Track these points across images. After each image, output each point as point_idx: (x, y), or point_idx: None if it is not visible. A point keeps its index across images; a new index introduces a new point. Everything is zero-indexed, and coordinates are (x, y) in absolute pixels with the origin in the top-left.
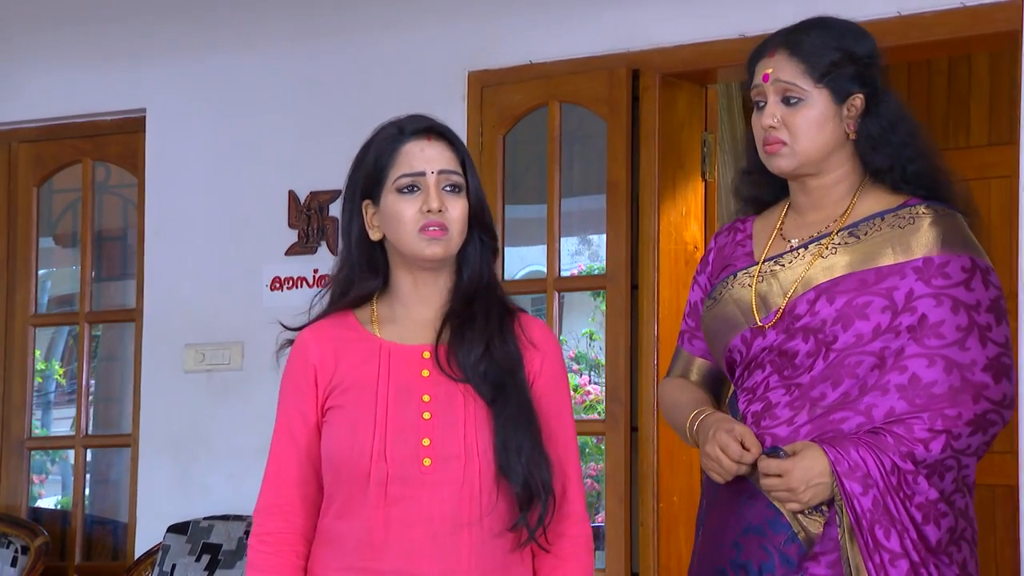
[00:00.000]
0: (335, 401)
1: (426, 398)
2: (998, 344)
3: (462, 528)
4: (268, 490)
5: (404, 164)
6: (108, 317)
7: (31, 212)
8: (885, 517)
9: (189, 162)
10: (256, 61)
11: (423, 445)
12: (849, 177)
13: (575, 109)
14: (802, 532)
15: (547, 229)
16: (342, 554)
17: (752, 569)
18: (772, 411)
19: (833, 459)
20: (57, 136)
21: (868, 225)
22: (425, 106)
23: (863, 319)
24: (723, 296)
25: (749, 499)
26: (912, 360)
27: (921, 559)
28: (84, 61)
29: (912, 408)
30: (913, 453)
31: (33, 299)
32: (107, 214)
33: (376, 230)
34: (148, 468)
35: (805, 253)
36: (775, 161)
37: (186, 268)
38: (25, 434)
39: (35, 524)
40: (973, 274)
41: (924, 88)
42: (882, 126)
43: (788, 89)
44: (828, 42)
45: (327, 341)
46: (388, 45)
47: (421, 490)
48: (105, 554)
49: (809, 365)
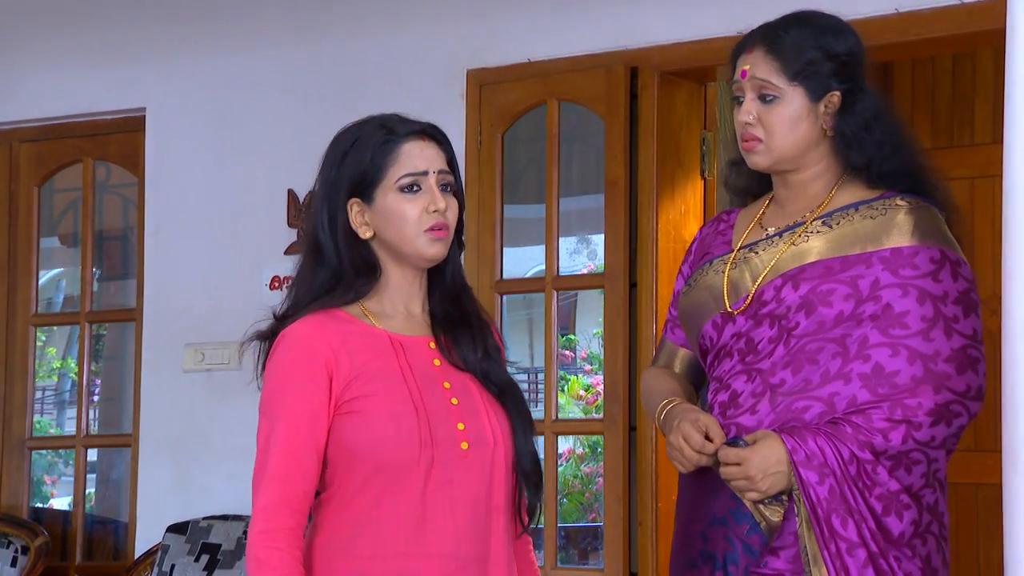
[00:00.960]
0: (358, 392)
1: (447, 385)
2: (964, 336)
3: (494, 511)
4: (274, 485)
5: (406, 163)
6: (109, 317)
7: (32, 212)
8: (842, 506)
9: (188, 161)
10: (255, 60)
11: (459, 429)
12: (828, 171)
13: (574, 107)
14: (763, 522)
15: (545, 228)
16: (380, 541)
17: (718, 560)
18: (737, 400)
19: (790, 448)
20: (58, 135)
21: (842, 215)
22: (424, 104)
23: (826, 306)
24: (698, 283)
25: (714, 491)
26: (876, 349)
27: (880, 550)
28: (84, 60)
29: (874, 397)
30: (872, 443)
31: (34, 299)
32: (108, 213)
33: (366, 228)
34: (148, 468)
35: (779, 241)
36: (751, 158)
37: (185, 267)
38: (26, 434)
39: (35, 524)
40: (942, 266)
41: (928, 85)
42: (857, 124)
43: (763, 87)
44: (806, 39)
45: (331, 334)
46: (387, 44)
47: (461, 473)
48: (107, 554)
49: (770, 351)
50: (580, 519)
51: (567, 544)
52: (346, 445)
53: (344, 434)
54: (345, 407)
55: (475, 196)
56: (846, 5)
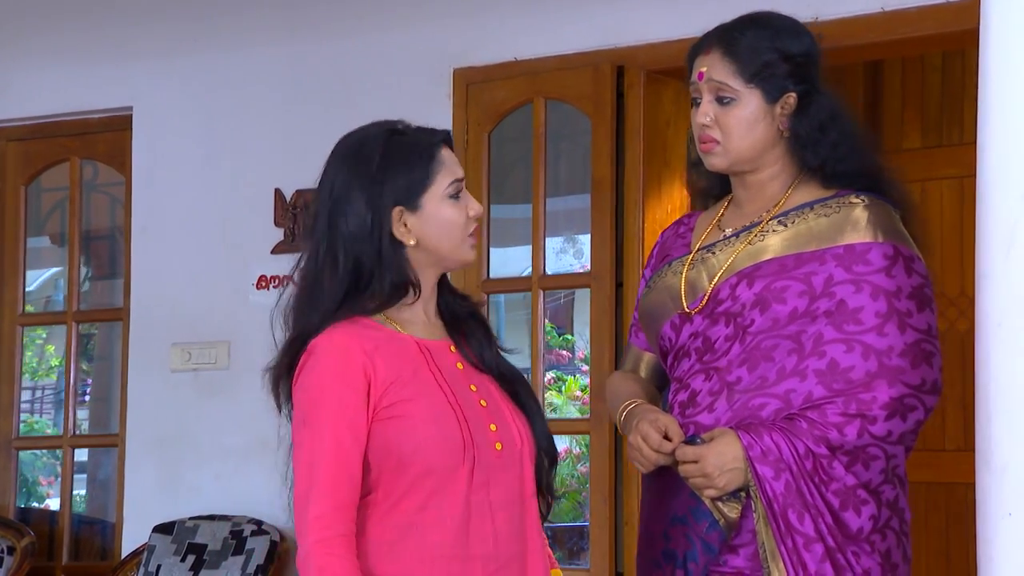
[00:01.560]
0: (396, 397)
1: (473, 388)
2: (918, 330)
3: (528, 507)
4: (326, 494)
5: (450, 171)
6: (96, 316)
7: (19, 211)
8: (798, 501)
9: (175, 160)
10: (242, 59)
11: (492, 431)
12: (785, 171)
13: (561, 106)
14: (722, 519)
15: (532, 227)
16: (425, 545)
17: (678, 558)
18: (695, 399)
19: (746, 444)
20: (45, 134)
21: (797, 214)
22: (411, 103)
23: (780, 303)
24: (657, 284)
25: (675, 490)
26: (831, 345)
27: (837, 544)
28: (71, 59)
29: (830, 393)
30: (827, 438)
31: (21, 298)
32: (96, 213)
33: (411, 235)
34: (135, 468)
35: (736, 241)
36: (709, 159)
37: (172, 267)
38: (13, 433)
39: (22, 524)
40: (895, 261)
41: (918, 84)
42: (812, 125)
43: (720, 88)
44: (762, 41)
45: (366, 341)
46: (374, 43)
47: (498, 474)
48: (94, 554)
49: (727, 349)
50: (577, 518)
51: (554, 544)
52: (391, 450)
53: (388, 439)
54: (384, 413)
55: None
56: (832, 4)
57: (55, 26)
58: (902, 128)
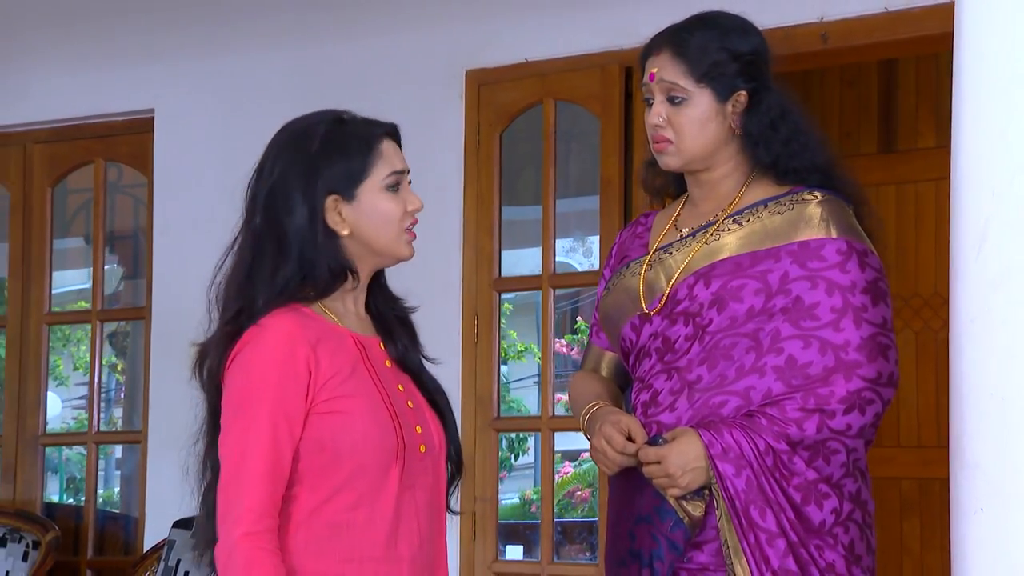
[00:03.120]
0: (337, 392)
1: (401, 387)
2: (874, 324)
3: (441, 511)
4: (257, 487)
5: (389, 163)
6: (120, 315)
7: (45, 212)
8: (760, 497)
9: (196, 161)
10: (259, 60)
11: (418, 432)
12: (739, 169)
13: (569, 107)
14: (686, 517)
15: (542, 225)
16: (353, 544)
17: (644, 557)
18: (656, 399)
19: (707, 442)
20: (70, 137)
21: (751, 212)
22: (425, 104)
23: (737, 301)
24: (616, 286)
25: (639, 490)
26: (788, 342)
27: (800, 539)
28: (95, 63)
29: (788, 389)
30: (787, 433)
31: (47, 298)
32: (120, 213)
33: (343, 225)
34: (156, 464)
35: (692, 241)
36: (662, 159)
37: (193, 267)
38: (40, 430)
39: (47, 519)
40: (849, 256)
41: (932, 83)
42: (763, 123)
43: (671, 89)
44: (711, 41)
45: (309, 332)
46: (388, 45)
47: (420, 476)
48: (118, 549)
49: (686, 348)
50: (588, 514)
51: (564, 539)
52: (325, 445)
53: (323, 434)
54: (324, 406)
55: (474, 194)
56: (836, 5)
57: (79, 31)
58: (917, 127)
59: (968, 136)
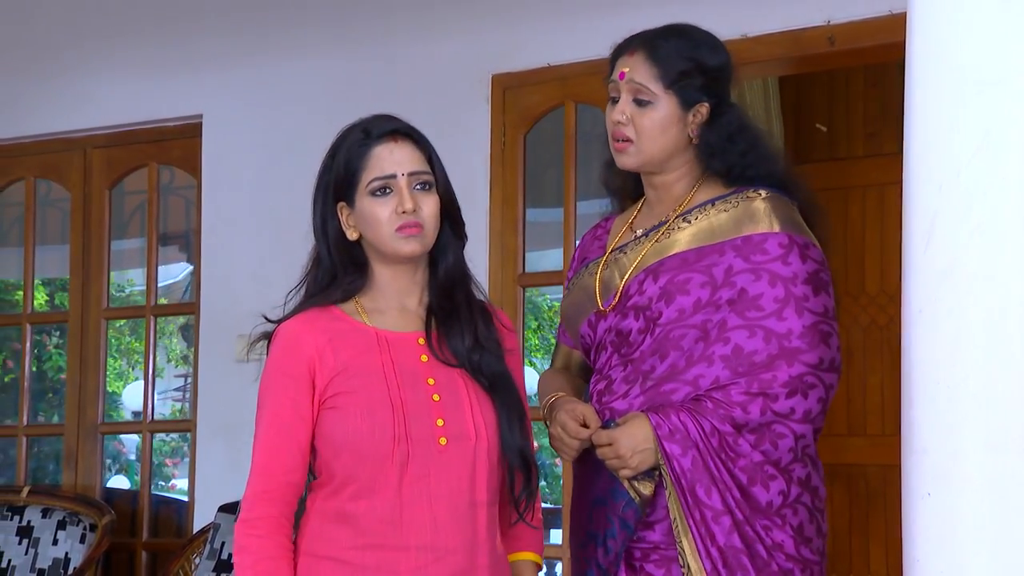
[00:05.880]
0: (341, 388)
1: (431, 381)
2: (815, 313)
3: (477, 503)
4: (258, 478)
5: (375, 168)
6: (171, 310)
7: (104, 212)
8: (706, 476)
9: (241, 164)
10: (300, 67)
11: (438, 425)
12: (690, 174)
13: (590, 109)
14: (637, 497)
15: (564, 225)
16: (359, 533)
17: (599, 537)
18: (611, 387)
19: (655, 424)
20: (126, 141)
21: (700, 210)
22: (452, 107)
23: (684, 294)
24: (575, 286)
25: (595, 473)
26: (734, 332)
27: (746, 517)
28: (148, 72)
29: (735, 376)
30: (732, 416)
31: (106, 293)
32: (173, 214)
33: (352, 230)
34: (205, 451)
35: (645, 240)
36: (621, 158)
37: (238, 263)
38: (99, 419)
39: (104, 504)
40: (790, 249)
41: None
42: (722, 136)
43: (640, 90)
44: (683, 51)
45: (318, 331)
46: (420, 52)
47: (439, 468)
48: (171, 531)
49: (640, 341)
50: None
51: None
52: (327, 439)
53: (325, 428)
54: (328, 402)
55: (500, 194)
56: (842, 8)
57: (132, 42)
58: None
59: (917, 133)
